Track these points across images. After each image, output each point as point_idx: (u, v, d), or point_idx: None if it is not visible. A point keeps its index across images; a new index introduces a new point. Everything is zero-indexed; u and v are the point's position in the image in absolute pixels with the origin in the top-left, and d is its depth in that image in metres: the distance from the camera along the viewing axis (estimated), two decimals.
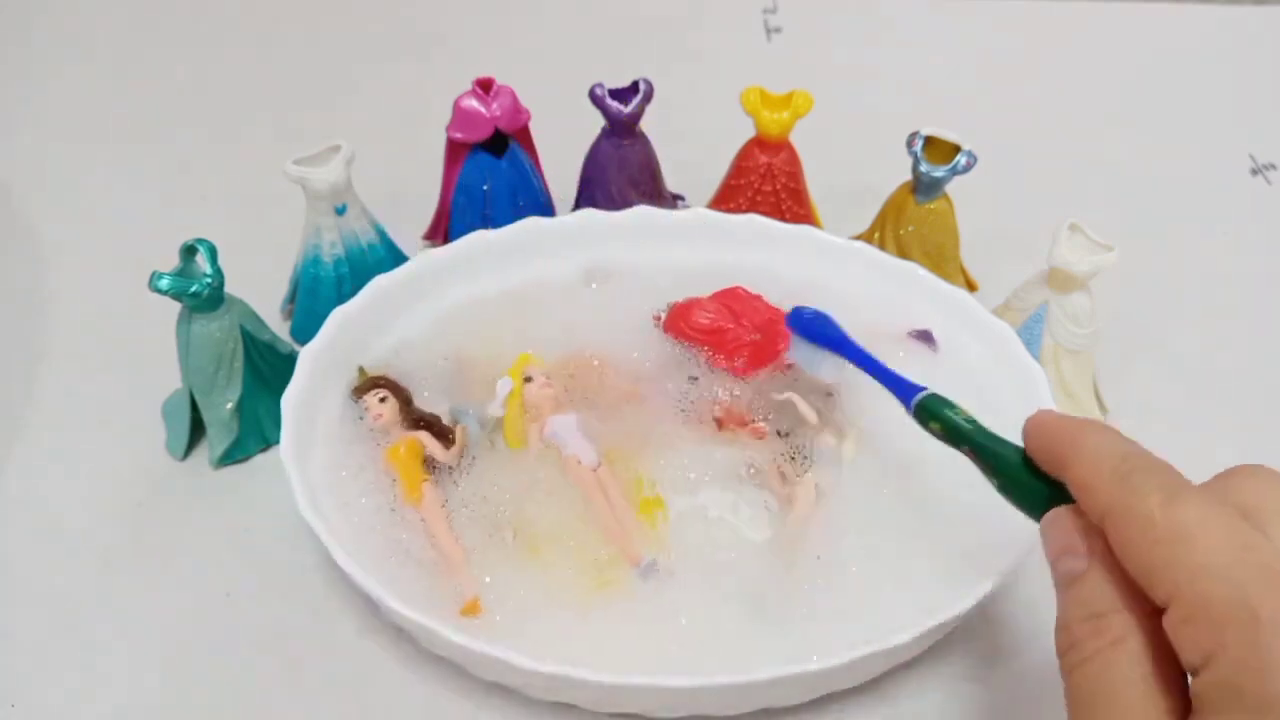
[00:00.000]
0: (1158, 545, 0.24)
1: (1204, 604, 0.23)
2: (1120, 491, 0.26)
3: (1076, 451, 0.28)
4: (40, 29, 0.74)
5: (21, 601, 0.41)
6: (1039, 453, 0.30)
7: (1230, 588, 0.23)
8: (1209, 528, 0.24)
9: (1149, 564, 0.24)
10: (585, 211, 0.50)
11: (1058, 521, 0.28)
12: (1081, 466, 0.27)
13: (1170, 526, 0.24)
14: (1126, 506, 0.25)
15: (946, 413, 0.34)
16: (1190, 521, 0.24)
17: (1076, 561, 0.27)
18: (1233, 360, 0.51)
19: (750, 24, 0.76)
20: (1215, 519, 0.24)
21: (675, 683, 0.33)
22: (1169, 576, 0.24)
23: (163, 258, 0.42)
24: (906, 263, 0.47)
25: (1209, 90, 0.71)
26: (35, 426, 0.47)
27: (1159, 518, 0.25)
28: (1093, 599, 0.26)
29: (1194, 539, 0.24)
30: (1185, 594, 0.23)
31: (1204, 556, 0.23)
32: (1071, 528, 0.27)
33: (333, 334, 0.43)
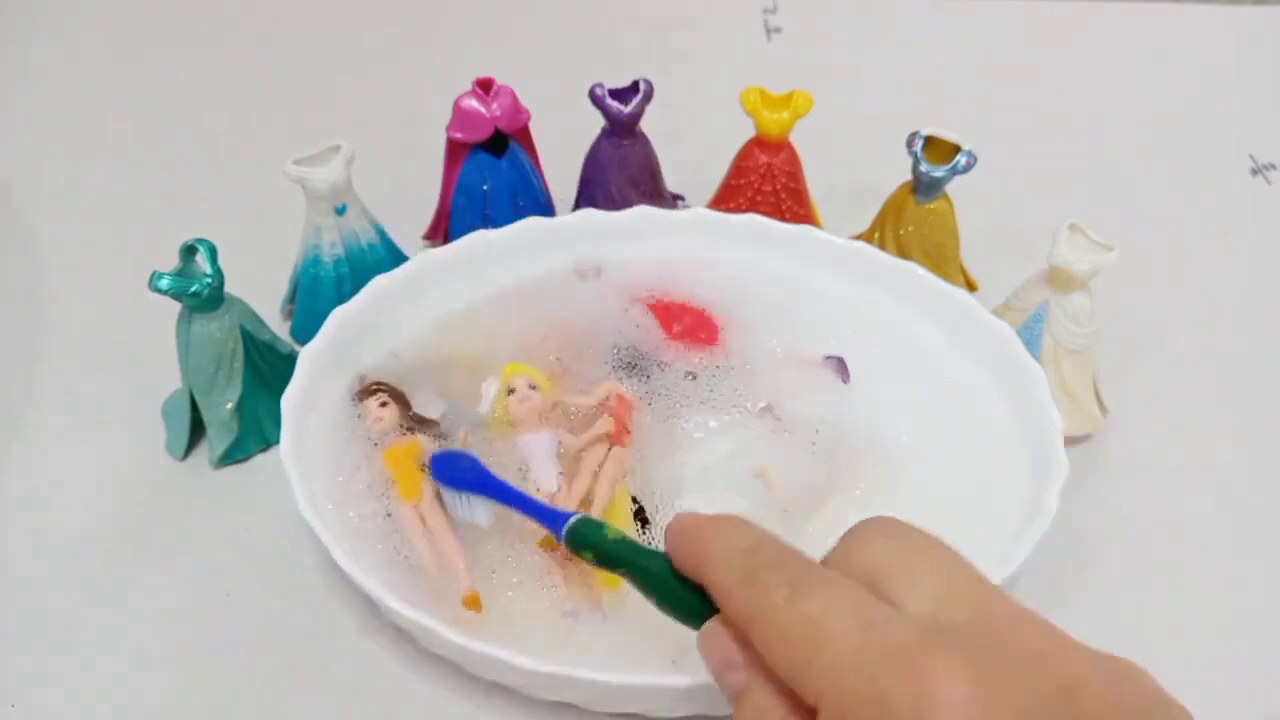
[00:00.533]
0: (792, 647, 0.24)
1: (842, 701, 0.23)
2: (750, 593, 0.26)
3: (707, 557, 0.27)
4: (40, 29, 0.74)
5: (21, 601, 0.41)
6: (680, 560, 0.29)
7: (862, 681, 0.22)
8: (832, 617, 0.24)
9: (789, 667, 0.24)
10: (585, 211, 0.50)
11: (712, 635, 0.27)
12: (714, 572, 0.27)
13: (798, 624, 0.24)
14: (757, 609, 0.25)
15: (597, 535, 0.33)
16: (814, 614, 0.24)
17: (737, 675, 0.26)
18: (1233, 360, 0.51)
19: (750, 24, 0.76)
20: (838, 605, 0.24)
21: (675, 683, 0.33)
22: (809, 679, 0.24)
23: (163, 258, 0.42)
24: (906, 263, 0.47)
25: (1209, 90, 0.71)
26: (35, 426, 0.47)
27: (786, 616, 0.24)
28: (762, 711, 0.25)
29: (820, 634, 0.24)
30: (828, 694, 0.23)
31: (832, 651, 0.23)
32: (726, 639, 0.27)
33: (333, 334, 0.43)
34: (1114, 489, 0.45)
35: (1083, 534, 0.43)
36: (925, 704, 0.22)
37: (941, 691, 0.22)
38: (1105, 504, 0.44)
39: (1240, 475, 0.46)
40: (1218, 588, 0.42)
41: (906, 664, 0.22)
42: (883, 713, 0.22)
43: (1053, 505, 0.37)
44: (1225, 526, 0.44)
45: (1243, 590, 0.42)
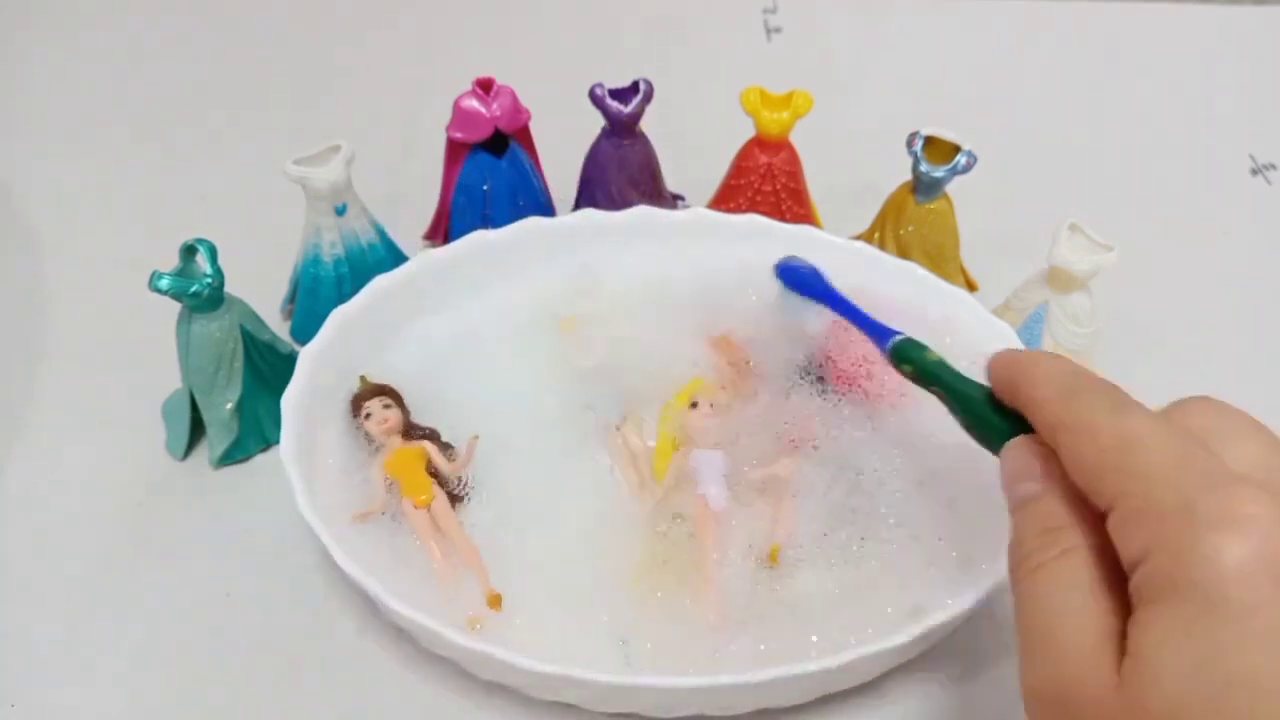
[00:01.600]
0: (1103, 453, 0.25)
1: (1143, 503, 0.24)
2: (1069, 406, 0.27)
3: (1030, 375, 0.29)
4: (40, 29, 0.74)
5: (21, 601, 0.41)
6: (1000, 384, 0.30)
7: (1168, 488, 0.24)
8: (1152, 437, 0.25)
9: (1095, 471, 0.25)
10: (585, 211, 0.50)
11: (1015, 449, 0.29)
12: (1034, 388, 0.29)
13: (1115, 435, 0.25)
14: (1075, 419, 0.27)
15: (918, 354, 0.36)
16: (1134, 431, 0.25)
17: (1032, 485, 0.28)
18: (1233, 360, 0.51)
19: (750, 24, 0.76)
20: (1159, 430, 0.25)
21: (675, 683, 0.33)
22: (1113, 481, 0.25)
23: (163, 258, 0.42)
24: (906, 263, 0.47)
25: (1209, 90, 0.71)
26: (35, 426, 0.47)
27: (1105, 427, 0.26)
28: (1046, 516, 0.27)
29: (1137, 446, 0.25)
30: (1127, 495, 0.24)
31: (1145, 460, 0.24)
32: (1028, 454, 0.28)
33: (333, 334, 0.43)
34: None
35: None
36: (1231, 516, 0.22)
37: (1249, 510, 0.22)
38: None
39: None
40: None
41: (1219, 486, 0.23)
42: (1186, 516, 0.23)
43: None
44: None
45: None
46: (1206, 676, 0.22)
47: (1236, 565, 0.22)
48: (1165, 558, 0.23)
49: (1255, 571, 0.22)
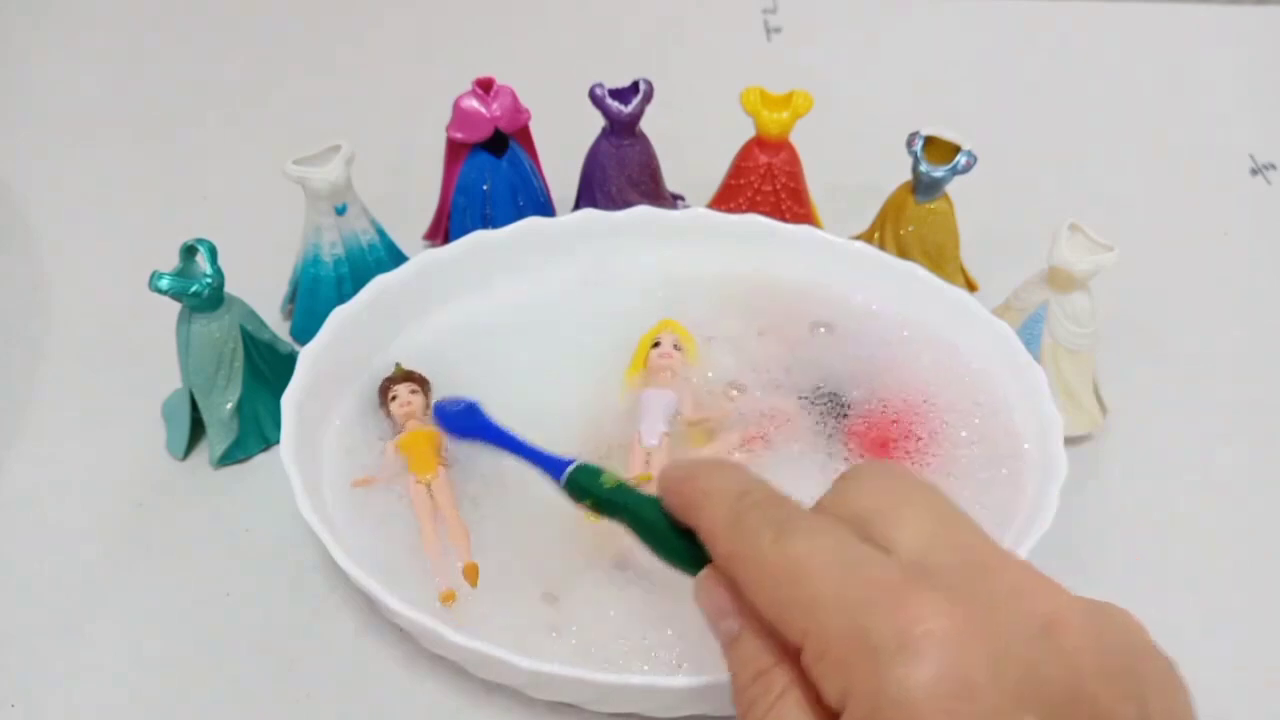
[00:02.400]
0: (776, 587, 0.24)
1: (824, 639, 0.23)
2: (736, 535, 0.26)
3: (698, 498, 0.27)
4: (40, 29, 0.74)
5: (21, 601, 0.41)
6: (672, 504, 0.29)
7: (843, 617, 0.23)
8: (816, 556, 0.24)
9: (773, 608, 0.24)
10: (585, 211, 0.50)
11: (705, 583, 0.27)
12: (703, 514, 0.27)
13: (782, 564, 0.24)
14: (743, 551, 0.25)
15: (592, 483, 0.32)
16: (800, 554, 0.24)
17: (730, 621, 0.26)
18: (1233, 360, 0.51)
19: (750, 24, 0.75)
20: (823, 544, 0.24)
21: (675, 683, 0.33)
22: (792, 618, 0.24)
23: (163, 258, 0.42)
24: (906, 263, 0.47)
25: (1209, 90, 0.71)
26: (35, 426, 0.47)
27: (770, 557, 0.24)
28: (752, 657, 0.25)
29: (804, 575, 0.24)
30: (811, 632, 0.23)
31: (814, 589, 0.23)
32: (719, 587, 0.27)
33: (333, 334, 0.43)
34: (1114, 489, 0.45)
35: (1083, 534, 0.43)
36: (907, 639, 0.21)
37: (923, 626, 0.22)
38: (1105, 504, 0.44)
39: (1240, 475, 0.46)
40: (1218, 587, 0.42)
41: (889, 600, 0.22)
42: (864, 648, 0.22)
43: (1053, 505, 0.37)
44: (1225, 526, 0.44)
45: (1243, 590, 0.42)
46: None
47: (927, 699, 0.21)
48: (862, 702, 0.22)
49: (946, 697, 0.21)
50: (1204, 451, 0.47)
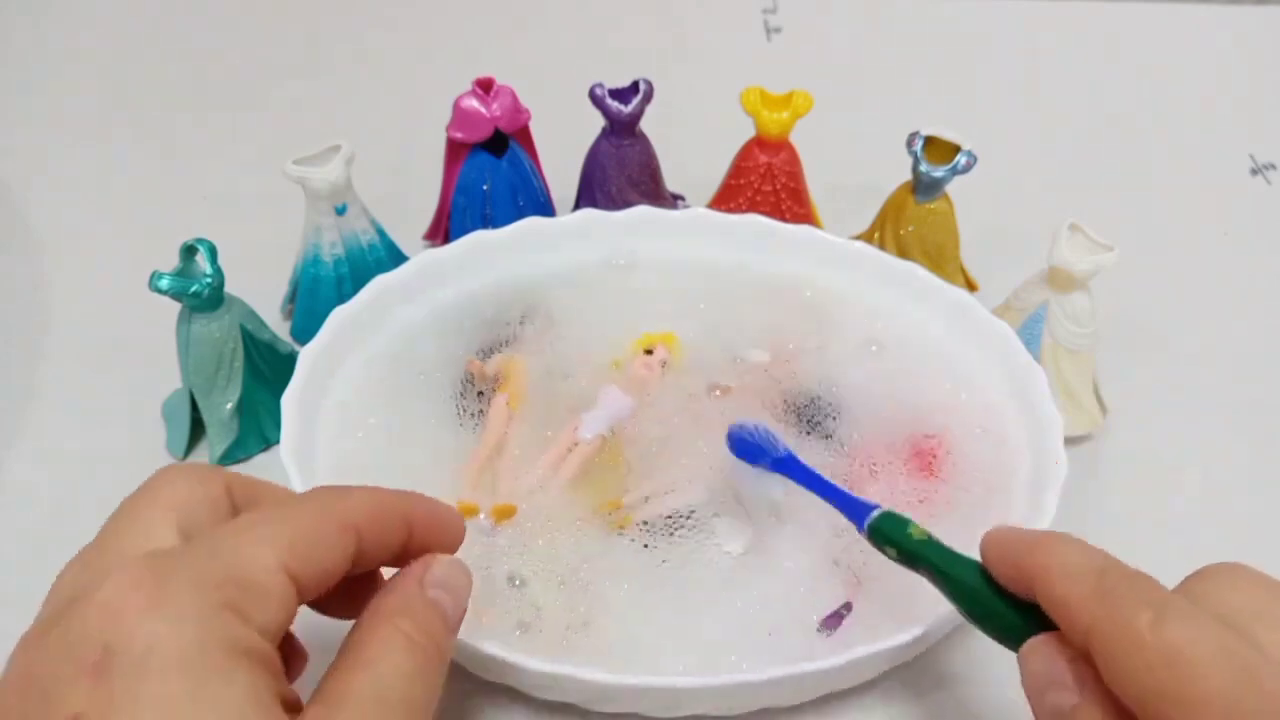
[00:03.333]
0: (1152, 671, 0.23)
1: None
2: (1103, 609, 0.25)
3: (1046, 567, 0.26)
4: (40, 28, 0.74)
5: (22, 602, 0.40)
6: (1003, 572, 0.28)
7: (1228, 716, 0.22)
8: (1202, 647, 0.23)
9: (1145, 694, 0.23)
10: (585, 211, 0.50)
11: (1040, 652, 0.26)
12: (1056, 583, 0.26)
13: (1162, 649, 0.23)
14: (1112, 626, 0.24)
15: (900, 534, 0.32)
16: (1183, 644, 0.23)
17: (1066, 695, 0.25)
18: (1233, 360, 0.51)
19: (750, 24, 0.76)
20: (1207, 638, 0.23)
21: (675, 683, 0.33)
22: (1169, 711, 0.23)
23: (163, 258, 0.42)
24: (906, 263, 0.47)
25: (1209, 90, 0.71)
26: (35, 426, 0.47)
27: (1150, 639, 0.23)
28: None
29: (1190, 664, 0.23)
30: None
31: (1204, 687, 0.22)
32: (1057, 656, 0.26)
33: (333, 334, 0.43)
34: (1114, 489, 0.45)
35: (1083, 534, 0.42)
36: None
37: None
38: (1105, 504, 0.44)
39: (1240, 475, 0.46)
40: None
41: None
42: None
43: (1053, 505, 0.37)
44: (1225, 526, 0.44)
45: None
46: None
47: None
48: None
49: None
50: (1204, 451, 0.47)
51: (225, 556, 0.25)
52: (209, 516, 0.27)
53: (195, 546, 0.25)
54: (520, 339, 0.46)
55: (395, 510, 0.29)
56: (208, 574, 0.24)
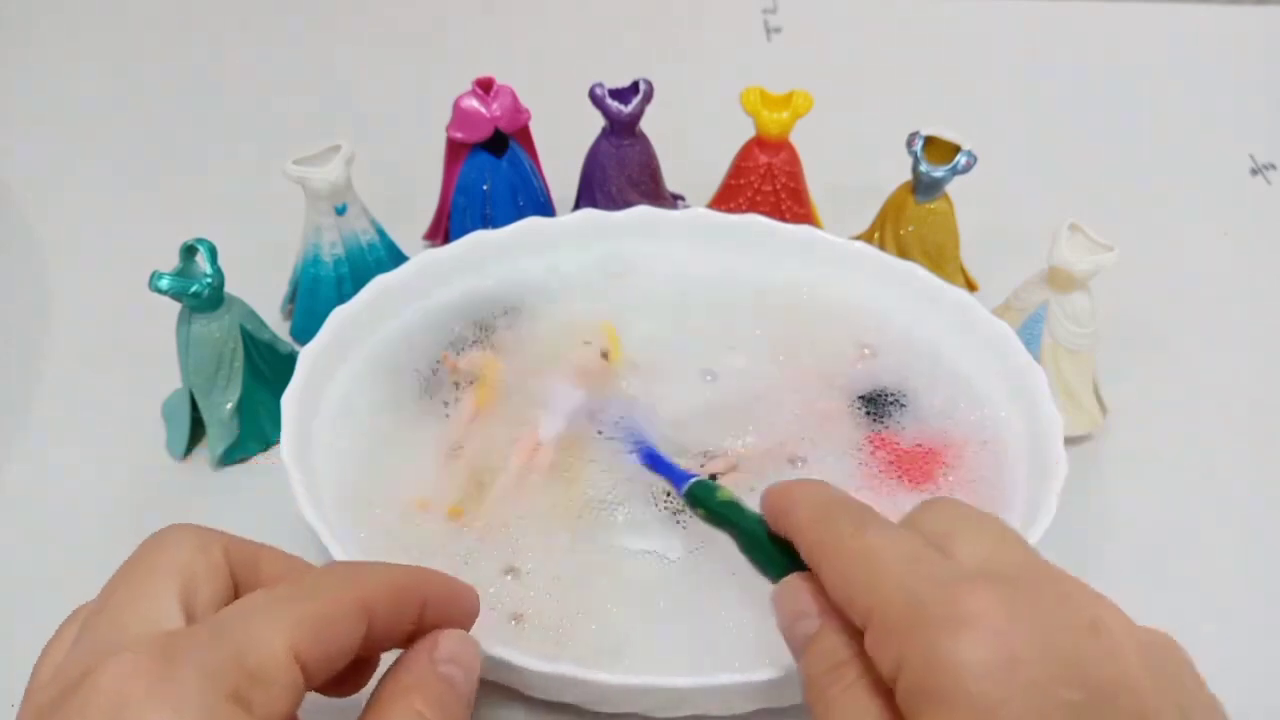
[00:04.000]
0: (850, 570, 0.26)
1: (885, 615, 0.25)
2: (821, 528, 0.28)
3: (791, 502, 0.30)
4: (40, 28, 0.74)
5: (22, 601, 0.41)
6: (770, 517, 0.31)
7: (903, 594, 0.25)
8: (889, 548, 0.26)
9: (846, 590, 0.26)
10: (585, 211, 0.50)
11: (788, 586, 0.29)
12: (794, 516, 0.30)
13: (857, 549, 0.27)
14: (825, 540, 0.28)
15: (708, 495, 0.36)
16: (874, 544, 0.26)
17: (809, 622, 0.28)
18: (1233, 360, 0.51)
19: (750, 24, 0.76)
20: (895, 539, 0.26)
21: (675, 683, 0.33)
22: (860, 598, 0.26)
23: (163, 258, 0.42)
24: (906, 263, 0.47)
25: (1209, 90, 0.71)
26: (35, 426, 0.47)
27: (848, 544, 0.27)
28: (830, 651, 0.27)
29: (875, 559, 0.26)
30: (874, 611, 0.25)
31: (881, 571, 0.26)
32: (802, 589, 0.29)
33: (333, 334, 0.43)
34: (1114, 489, 0.45)
35: (1083, 534, 0.43)
36: (958, 614, 0.23)
37: (975, 606, 0.23)
38: (1105, 504, 0.44)
39: (1240, 475, 0.46)
40: (1218, 588, 0.42)
41: (949, 588, 0.24)
42: (919, 620, 0.24)
43: (1053, 505, 0.37)
44: (1226, 526, 0.44)
45: (1243, 590, 0.42)
46: None
47: (973, 664, 0.22)
48: (913, 669, 0.24)
49: (995, 666, 0.22)
50: (1204, 451, 0.47)
51: (233, 642, 0.24)
52: (209, 585, 0.27)
53: (201, 630, 0.25)
54: (499, 337, 0.45)
55: (410, 590, 0.28)
56: (214, 662, 0.24)
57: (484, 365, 0.44)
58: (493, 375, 0.44)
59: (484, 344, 0.45)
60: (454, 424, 0.42)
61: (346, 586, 0.27)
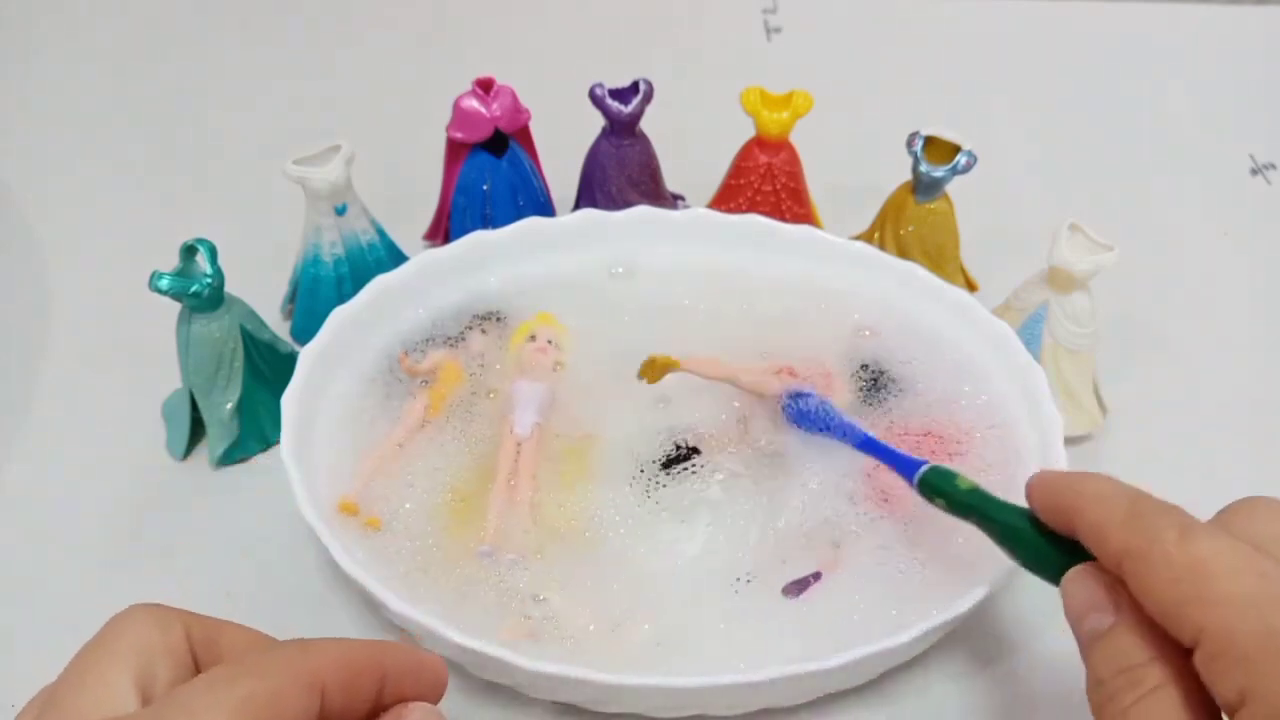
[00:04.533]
0: (1178, 583, 0.24)
1: (1230, 638, 0.23)
2: (1133, 533, 0.26)
3: (1082, 500, 0.28)
4: (40, 28, 0.74)
5: (21, 601, 0.41)
6: (1045, 510, 0.30)
7: (1255, 619, 0.23)
8: (1225, 559, 0.24)
9: (1171, 603, 0.25)
10: (585, 211, 0.50)
11: (1078, 579, 0.28)
12: (1090, 513, 0.28)
13: (1187, 562, 0.24)
14: (1142, 547, 0.26)
15: (949, 486, 0.34)
16: (1207, 555, 0.24)
17: (1103, 617, 0.27)
18: (1233, 360, 0.51)
19: (750, 24, 0.75)
20: (1230, 550, 0.24)
21: (675, 683, 0.33)
22: (1193, 614, 0.24)
23: (163, 258, 0.42)
24: (906, 263, 0.47)
25: (1209, 90, 0.71)
26: (35, 426, 0.47)
27: (1176, 554, 0.25)
28: (1124, 652, 0.26)
29: (1212, 572, 0.24)
30: (1211, 630, 0.23)
31: (1225, 588, 0.24)
32: (1094, 583, 0.27)
33: (333, 334, 0.43)
34: None
35: None
36: None
37: None
38: None
39: (1240, 475, 0.46)
40: None
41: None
42: (1273, 648, 0.22)
43: None
44: None
45: None
46: None
47: None
48: (1263, 704, 0.22)
49: None
50: (1204, 451, 0.47)
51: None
52: (168, 667, 0.26)
53: (146, 714, 0.24)
54: (469, 341, 0.45)
55: (366, 666, 0.27)
56: None
57: (443, 367, 0.44)
58: (451, 377, 0.44)
59: (453, 346, 0.45)
60: (401, 425, 0.42)
61: (296, 663, 0.26)
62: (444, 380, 0.44)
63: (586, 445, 0.42)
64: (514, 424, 0.42)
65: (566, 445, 0.42)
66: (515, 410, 0.42)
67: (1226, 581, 0.24)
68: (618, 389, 0.43)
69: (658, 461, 0.41)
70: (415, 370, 0.44)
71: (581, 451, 0.42)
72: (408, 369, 0.44)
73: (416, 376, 0.44)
